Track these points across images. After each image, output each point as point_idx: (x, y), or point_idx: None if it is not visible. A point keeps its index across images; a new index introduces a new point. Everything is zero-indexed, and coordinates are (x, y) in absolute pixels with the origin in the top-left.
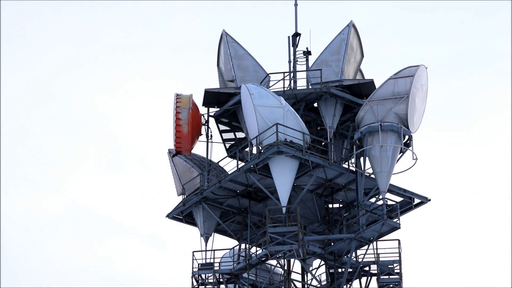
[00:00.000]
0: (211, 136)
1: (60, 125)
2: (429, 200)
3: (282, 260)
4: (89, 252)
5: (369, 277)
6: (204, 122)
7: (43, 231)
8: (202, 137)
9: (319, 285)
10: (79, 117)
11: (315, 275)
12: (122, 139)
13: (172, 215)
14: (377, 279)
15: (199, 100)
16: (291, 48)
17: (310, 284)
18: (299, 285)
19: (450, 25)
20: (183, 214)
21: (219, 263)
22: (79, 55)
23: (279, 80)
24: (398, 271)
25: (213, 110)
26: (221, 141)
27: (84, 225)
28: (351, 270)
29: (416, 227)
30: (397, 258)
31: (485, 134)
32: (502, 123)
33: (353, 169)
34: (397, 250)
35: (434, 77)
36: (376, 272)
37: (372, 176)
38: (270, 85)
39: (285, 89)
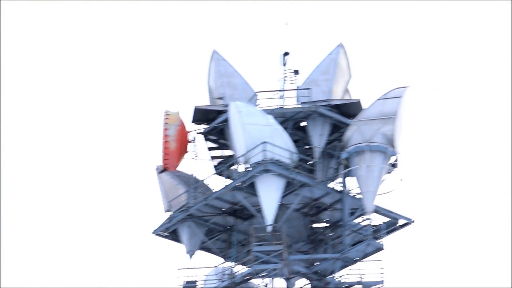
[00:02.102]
0: (197, 154)
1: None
2: (413, 221)
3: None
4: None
5: None
6: (191, 139)
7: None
8: (190, 154)
9: None
10: (69, 131)
11: None
12: (110, 154)
13: (158, 232)
14: None
15: (188, 117)
16: (281, 67)
17: None
18: None
19: (439, 46)
20: (168, 231)
21: (204, 281)
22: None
23: (268, 99)
24: None
25: (201, 127)
26: (209, 158)
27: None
28: None
29: (400, 248)
30: (381, 279)
31: (472, 156)
32: (490, 145)
33: (339, 188)
34: (381, 271)
35: (421, 98)
36: None
37: (358, 196)
38: (258, 103)
39: (274, 107)
